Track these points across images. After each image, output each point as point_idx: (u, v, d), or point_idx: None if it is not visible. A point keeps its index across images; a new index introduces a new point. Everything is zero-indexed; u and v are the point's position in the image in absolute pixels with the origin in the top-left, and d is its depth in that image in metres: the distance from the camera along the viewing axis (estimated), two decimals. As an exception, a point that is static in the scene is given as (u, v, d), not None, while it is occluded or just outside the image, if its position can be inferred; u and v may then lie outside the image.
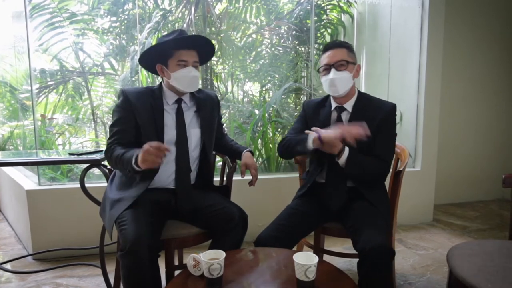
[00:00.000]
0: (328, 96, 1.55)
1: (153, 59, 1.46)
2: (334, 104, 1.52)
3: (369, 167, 1.42)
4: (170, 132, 1.45)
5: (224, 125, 3.16)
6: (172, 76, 1.42)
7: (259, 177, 1.58)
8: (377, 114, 1.43)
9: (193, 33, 2.83)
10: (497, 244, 1.26)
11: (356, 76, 1.47)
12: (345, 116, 1.49)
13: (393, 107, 1.47)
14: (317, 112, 1.54)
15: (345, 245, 2.29)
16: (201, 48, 1.48)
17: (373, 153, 1.43)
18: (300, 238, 1.49)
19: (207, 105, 1.57)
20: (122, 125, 1.41)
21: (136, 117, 1.41)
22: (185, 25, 2.87)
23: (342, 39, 3.43)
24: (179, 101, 1.50)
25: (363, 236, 1.25)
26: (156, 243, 1.25)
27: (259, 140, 2.85)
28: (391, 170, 1.66)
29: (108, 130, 1.45)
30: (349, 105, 1.49)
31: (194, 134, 1.51)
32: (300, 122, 1.60)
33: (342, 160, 1.36)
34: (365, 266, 1.23)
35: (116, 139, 1.40)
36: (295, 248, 1.50)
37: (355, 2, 3.26)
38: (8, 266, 2.06)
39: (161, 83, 1.53)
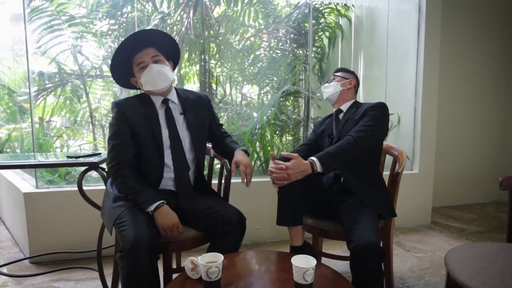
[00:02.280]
0: None
1: (126, 77, 1.50)
2: (334, 110, 1.79)
3: (338, 153, 1.46)
4: (165, 135, 1.45)
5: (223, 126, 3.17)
6: (140, 82, 1.44)
7: (258, 179, 1.58)
8: (363, 109, 1.62)
9: (192, 37, 2.85)
10: (494, 246, 1.26)
11: (347, 86, 1.73)
12: (341, 116, 1.73)
13: (378, 102, 1.61)
14: (322, 123, 1.82)
15: (343, 248, 2.29)
16: (159, 44, 1.46)
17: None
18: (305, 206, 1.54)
19: (195, 107, 1.55)
20: (120, 138, 1.40)
21: (132, 127, 1.41)
22: (183, 28, 2.88)
23: (340, 43, 3.46)
24: (166, 102, 1.49)
25: (354, 235, 1.29)
26: (156, 245, 1.25)
27: (257, 142, 2.85)
28: (389, 171, 1.68)
29: (107, 143, 1.44)
30: (344, 107, 1.74)
31: (186, 137, 1.50)
32: (312, 134, 1.86)
33: (319, 168, 1.43)
34: (356, 265, 1.26)
35: (119, 155, 1.39)
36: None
37: (353, 6, 3.28)
38: (4, 269, 2.04)
39: None
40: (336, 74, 1.80)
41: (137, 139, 1.42)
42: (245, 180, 1.46)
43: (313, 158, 1.44)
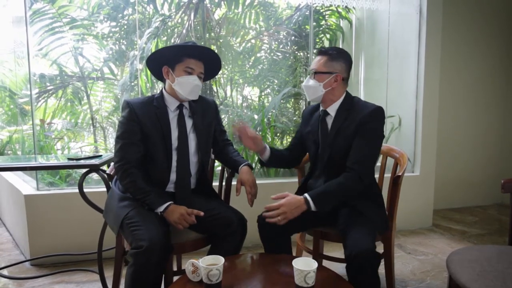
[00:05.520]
0: None
1: (160, 61, 1.49)
2: (321, 109, 1.54)
3: (339, 194, 1.36)
4: (174, 136, 1.47)
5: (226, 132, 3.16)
6: (176, 80, 1.45)
7: (258, 182, 1.56)
8: (357, 116, 1.41)
9: (193, 39, 2.85)
10: (496, 249, 1.26)
11: (333, 85, 1.44)
12: (329, 120, 1.50)
13: (374, 109, 1.39)
14: (310, 118, 1.60)
15: (345, 250, 2.28)
16: (209, 63, 1.53)
17: (347, 162, 1.39)
18: (292, 232, 1.52)
19: (203, 111, 1.58)
20: (129, 138, 1.41)
21: (143, 128, 1.42)
22: (184, 31, 2.89)
23: (340, 45, 3.45)
24: (180, 107, 1.51)
25: (349, 241, 1.27)
26: (169, 244, 1.28)
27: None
28: (388, 175, 1.67)
29: (115, 141, 1.45)
30: (332, 110, 1.48)
31: (192, 139, 1.52)
32: (298, 132, 1.68)
33: (313, 208, 1.33)
34: (352, 271, 1.25)
35: (127, 154, 1.39)
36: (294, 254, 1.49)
37: (354, 8, 3.29)
38: (5, 272, 2.04)
39: (161, 90, 1.54)
40: (315, 69, 1.44)
41: (147, 140, 1.43)
42: (250, 202, 1.50)
43: (307, 195, 1.32)
